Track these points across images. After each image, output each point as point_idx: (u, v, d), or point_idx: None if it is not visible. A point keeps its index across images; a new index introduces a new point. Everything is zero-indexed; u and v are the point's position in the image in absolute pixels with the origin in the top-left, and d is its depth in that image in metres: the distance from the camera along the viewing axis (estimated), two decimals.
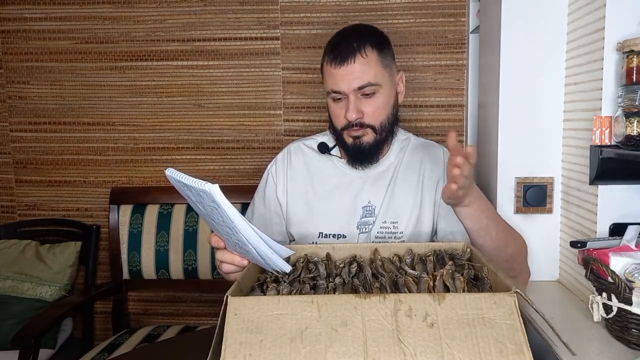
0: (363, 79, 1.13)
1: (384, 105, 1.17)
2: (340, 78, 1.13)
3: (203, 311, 1.95)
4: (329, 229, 1.23)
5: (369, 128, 1.17)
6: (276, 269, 0.84)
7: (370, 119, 1.16)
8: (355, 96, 1.14)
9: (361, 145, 1.18)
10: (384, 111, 1.18)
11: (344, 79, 1.13)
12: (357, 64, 1.12)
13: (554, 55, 1.29)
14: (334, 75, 1.15)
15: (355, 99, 1.14)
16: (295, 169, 1.29)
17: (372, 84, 1.13)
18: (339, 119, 1.19)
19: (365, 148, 1.19)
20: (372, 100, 1.15)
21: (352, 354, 0.63)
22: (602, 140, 1.06)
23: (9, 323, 1.65)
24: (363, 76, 1.13)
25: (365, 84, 1.13)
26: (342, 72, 1.13)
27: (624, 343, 0.93)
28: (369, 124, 1.16)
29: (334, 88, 1.15)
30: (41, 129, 1.91)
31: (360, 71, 1.12)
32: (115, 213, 1.82)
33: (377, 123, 1.17)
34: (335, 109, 1.19)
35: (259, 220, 1.29)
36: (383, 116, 1.18)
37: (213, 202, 0.72)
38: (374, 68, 1.14)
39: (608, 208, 1.10)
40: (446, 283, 0.77)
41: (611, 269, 0.91)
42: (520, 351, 0.62)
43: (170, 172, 0.74)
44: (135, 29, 1.83)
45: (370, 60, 1.14)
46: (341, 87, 1.14)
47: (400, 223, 1.22)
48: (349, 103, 1.14)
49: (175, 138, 1.87)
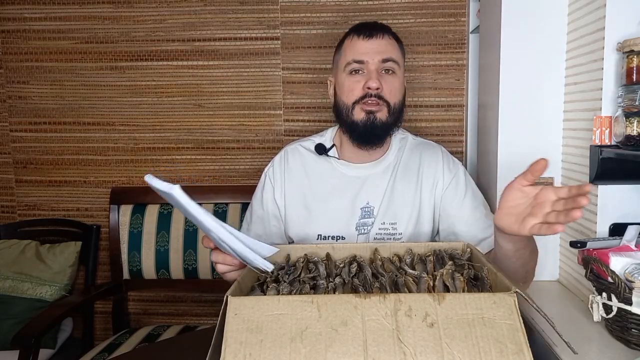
0: (388, 53, 1.19)
1: (399, 88, 1.22)
2: (365, 49, 1.19)
3: (203, 311, 1.95)
4: (328, 230, 1.23)
5: (385, 104, 1.19)
6: (256, 267, 0.84)
7: (388, 95, 1.19)
8: (377, 69, 1.18)
9: (374, 121, 1.18)
10: (398, 93, 1.22)
11: (370, 50, 1.19)
12: (385, 40, 1.20)
13: (554, 55, 1.29)
14: (359, 46, 1.20)
15: (377, 71, 1.18)
16: (292, 170, 1.28)
17: (395, 61, 1.20)
18: (353, 92, 1.19)
19: (378, 125, 1.19)
20: (392, 78, 1.20)
21: (352, 353, 0.63)
22: (602, 140, 1.06)
23: (9, 323, 1.65)
24: (388, 51, 1.19)
25: (389, 58, 1.19)
26: (369, 44, 1.19)
27: (624, 343, 0.93)
28: (386, 98, 1.19)
29: (356, 58, 1.19)
30: (41, 129, 1.91)
31: (385, 46, 1.20)
32: (115, 213, 1.82)
33: (392, 102, 1.20)
34: (351, 82, 1.20)
35: (258, 223, 1.28)
36: (397, 98, 1.21)
37: (178, 204, 0.72)
38: (396, 50, 1.22)
39: (608, 208, 1.10)
40: (446, 283, 0.77)
41: (611, 269, 0.91)
42: (520, 351, 0.62)
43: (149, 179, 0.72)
44: (135, 29, 1.83)
45: (394, 43, 1.23)
46: (366, 57, 1.18)
47: (399, 224, 1.21)
48: (370, 73, 1.18)
49: (175, 138, 1.87)
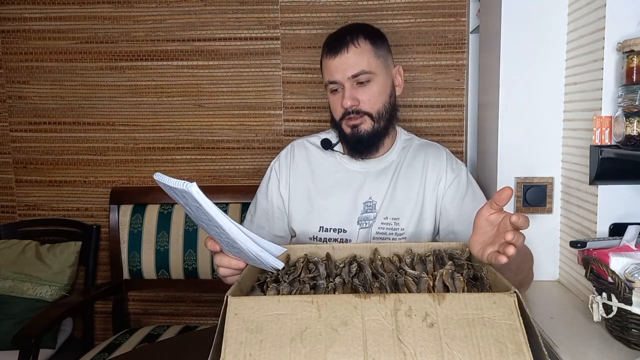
0: (356, 67, 1.17)
1: (379, 93, 1.20)
2: (334, 68, 1.18)
3: (203, 311, 1.95)
4: (330, 223, 1.24)
5: (366, 115, 1.20)
6: (268, 266, 0.84)
7: (366, 106, 1.19)
8: (350, 85, 1.18)
9: (359, 134, 1.20)
10: (379, 99, 1.20)
11: (339, 69, 1.18)
12: (351, 53, 1.17)
13: (554, 55, 1.29)
14: (330, 66, 1.19)
15: (351, 87, 1.18)
16: (298, 164, 1.30)
17: (366, 72, 1.18)
18: (337, 109, 1.22)
19: (364, 136, 1.20)
20: (367, 89, 1.19)
21: (352, 354, 0.63)
22: (602, 140, 1.06)
23: (9, 323, 1.65)
24: (356, 65, 1.17)
25: (358, 72, 1.17)
26: (336, 62, 1.18)
27: (624, 343, 0.93)
28: (365, 111, 1.19)
29: (330, 78, 1.20)
30: (41, 129, 1.91)
31: (353, 60, 1.17)
32: (115, 213, 1.82)
33: (373, 111, 1.20)
34: (333, 100, 1.23)
35: (262, 215, 1.30)
36: (379, 104, 1.20)
37: (195, 202, 0.72)
38: (367, 57, 1.18)
39: (608, 208, 1.10)
40: (446, 283, 0.77)
41: (611, 269, 0.91)
42: (520, 351, 0.62)
43: (158, 177, 0.73)
44: (135, 29, 1.83)
45: (363, 50, 1.18)
46: (336, 76, 1.18)
47: (401, 220, 1.22)
48: (344, 91, 1.18)
49: (175, 138, 1.87)
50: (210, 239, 0.88)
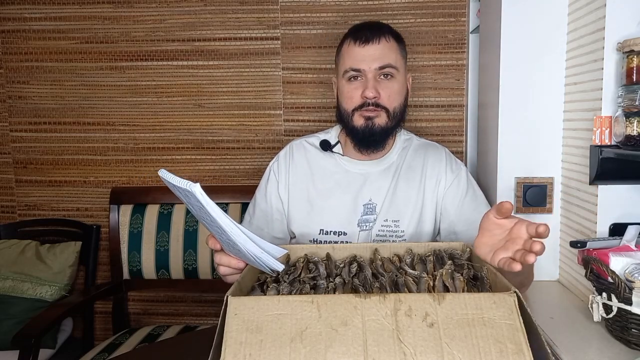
0: (385, 59, 1.18)
1: (399, 91, 1.21)
2: (361, 57, 1.18)
3: (203, 311, 1.95)
4: (330, 226, 1.23)
5: (383, 110, 1.19)
6: (268, 268, 0.84)
7: (385, 101, 1.19)
8: (373, 76, 1.18)
9: (373, 127, 1.20)
10: (398, 97, 1.21)
11: (366, 58, 1.18)
12: (381, 45, 1.18)
13: (554, 55, 1.29)
14: (356, 53, 1.19)
15: (374, 79, 1.18)
16: (297, 165, 1.30)
17: (392, 66, 1.19)
18: (352, 99, 1.20)
19: (377, 130, 1.20)
20: (390, 83, 1.20)
21: (352, 354, 0.63)
22: (602, 140, 1.06)
23: (9, 323, 1.65)
24: (385, 57, 1.18)
25: (386, 64, 1.18)
26: (365, 51, 1.18)
27: (624, 343, 0.93)
28: (384, 105, 1.19)
29: (353, 66, 1.19)
30: (41, 129, 1.91)
31: (382, 52, 1.18)
32: (115, 213, 1.82)
33: (391, 107, 1.20)
34: (349, 89, 1.21)
35: (261, 216, 1.29)
36: (397, 102, 1.21)
37: (198, 202, 0.73)
38: (395, 53, 1.20)
39: (608, 208, 1.10)
40: (446, 283, 0.77)
41: (611, 269, 0.91)
42: (520, 351, 0.62)
43: (163, 173, 0.74)
44: (135, 29, 1.83)
45: (392, 45, 1.20)
46: (362, 65, 1.18)
47: (401, 222, 1.22)
48: (367, 82, 1.18)
49: (175, 138, 1.87)
50: (211, 237, 0.88)
